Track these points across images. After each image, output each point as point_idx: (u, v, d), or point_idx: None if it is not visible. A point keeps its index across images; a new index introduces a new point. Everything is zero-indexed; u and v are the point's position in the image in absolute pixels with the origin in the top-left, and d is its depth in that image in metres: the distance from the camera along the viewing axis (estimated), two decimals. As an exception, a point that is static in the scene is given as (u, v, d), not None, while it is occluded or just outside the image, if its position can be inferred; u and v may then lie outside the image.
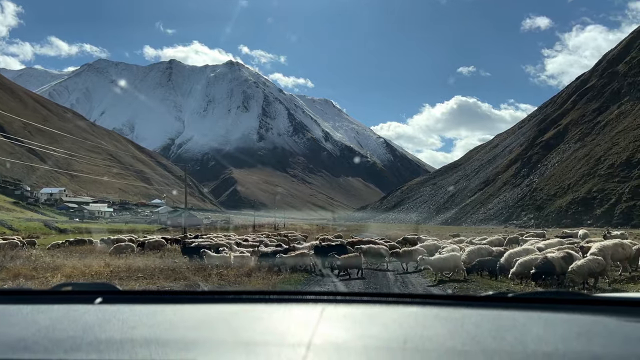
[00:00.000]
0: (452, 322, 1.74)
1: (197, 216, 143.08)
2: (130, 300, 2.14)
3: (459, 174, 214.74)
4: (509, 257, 14.66)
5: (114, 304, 2.01)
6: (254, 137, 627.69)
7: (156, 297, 2.23)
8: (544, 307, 1.90)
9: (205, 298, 2.19)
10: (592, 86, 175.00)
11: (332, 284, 14.87)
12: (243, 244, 26.38)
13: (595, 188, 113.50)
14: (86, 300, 2.03)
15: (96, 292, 2.10)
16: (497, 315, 1.81)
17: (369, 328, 1.69)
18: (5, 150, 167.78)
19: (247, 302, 2.06)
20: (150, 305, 2.04)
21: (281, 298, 2.07)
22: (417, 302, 1.96)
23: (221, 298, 2.17)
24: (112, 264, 18.71)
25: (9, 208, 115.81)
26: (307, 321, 1.74)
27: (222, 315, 1.90)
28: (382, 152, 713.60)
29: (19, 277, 14.56)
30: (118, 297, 2.13)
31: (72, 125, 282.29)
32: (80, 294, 2.20)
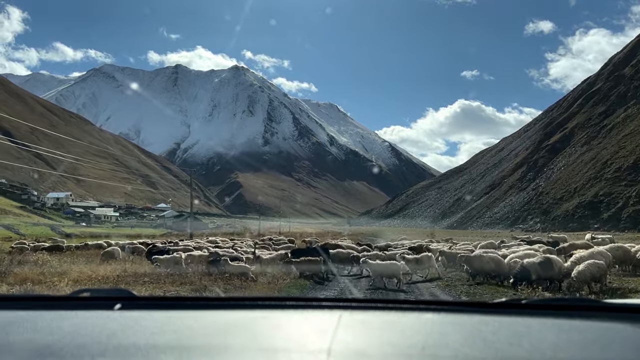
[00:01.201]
0: (468, 329, 1.73)
1: (203, 220, 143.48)
2: (149, 306, 2.15)
3: (465, 178, 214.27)
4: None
5: (133, 310, 2.03)
6: (259, 142, 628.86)
7: (173, 304, 2.24)
8: (558, 313, 1.89)
9: (223, 304, 2.19)
10: (598, 89, 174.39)
11: (337, 289, 14.86)
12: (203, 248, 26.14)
13: (602, 192, 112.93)
14: (105, 306, 2.04)
15: (115, 298, 2.13)
16: (512, 322, 1.80)
17: (386, 335, 1.69)
18: (12, 155, 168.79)
19: (265, 309, 2.06)
20: (169, 311, 2.04)
21: (298, 304, 2.08)
22: (433, 309, 1.96)
23: (239, 304, 2.17)
24: (119, 268, 18.80)
25: (16, 213, 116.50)
26: (326, 327, 1.73)
27: (242, 322, 1.90)
28: (388, 156, 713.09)
29: (27, 281, 14.64)
30: (136, 304, 2.15)
31: (78, 130, 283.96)
32: (99, 300, 2.23)
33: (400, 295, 13.44)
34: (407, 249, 23.20)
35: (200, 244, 30.27)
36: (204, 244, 31.23)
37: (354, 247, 24.76)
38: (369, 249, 24.60)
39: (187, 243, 31.72)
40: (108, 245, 30.29)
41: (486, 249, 20.79)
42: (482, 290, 12.91)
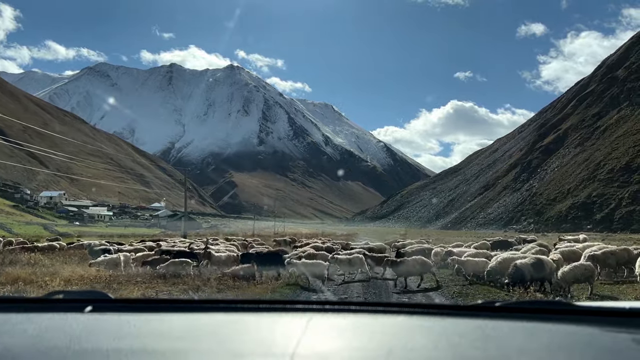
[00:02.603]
0: (436, 333, 1.73)
1: (197, 220, 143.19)
2: (120, 308, 2.10)
3: (459, 179, 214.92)
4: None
5: (104, 313, 1.98)
6: (254, 141, 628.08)
7: (146, 306, 2.20)
8: (529, 317, 1.89)
9: (195, 307, 2.14)
10: (591, 91, 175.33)
11: (329, 290, 14.85)
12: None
13: (595, 193, 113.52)
14: (76, 309, 1.99)
15: (87, 301, 2.07)
16: (481, 325, 1.79)
17: (354, 338, 1.68)
18: (5, 153, 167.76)
19: (236, 312, 2.04)
20: (139, 314, 2.00)
21: (270, 307, 2.04)
22: (404, 312, 1.95)
23: (211, 307, 2.13)
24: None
25: (9, 211, 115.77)
26: (293, 331, 1.72)
27: (211, 325, 1.88)
28: (382, 157, 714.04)
29: (18, 281, 14.54)
30: (108, 306, 2.10)
31: (72, 128, 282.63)
32: (71, 302, 2.17)
33: (392, 297, 13.43)
34: (367, 249, 23.20)
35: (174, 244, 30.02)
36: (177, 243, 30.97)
37: (319, 247, 25.65)
38: (333, 249, 24.85)
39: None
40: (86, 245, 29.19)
41: (478, 251, 20.90)
42: (474, 291, 12.93)
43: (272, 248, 26.92)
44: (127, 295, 11.55)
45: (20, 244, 29.79)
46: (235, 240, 35.51)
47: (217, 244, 29.80)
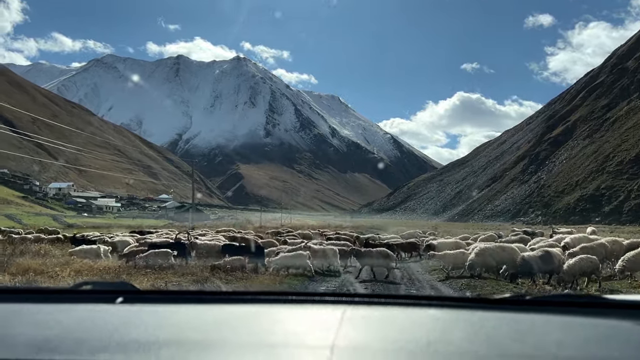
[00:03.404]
0: (471, 325, 1.72)
1: (205, 212, 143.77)
2: (150, 300, 2.10)
3: (467, 170, 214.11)
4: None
5: (135, 304, 1.98)
6: (260, 133, 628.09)
7: (176, 298, 2.19)
8: (562, 310, 1.86)
9: (224, 299, 2.13)
10: (601, 82, 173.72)
11: (337, 280, 14.90)
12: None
13: (604, 185, 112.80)
14: (107, 300, 2.00)
15: (116, 292, 2.08)
16: (515, 318, 1.78)
17: (390, 331, 1.68)
18: (14, 145, 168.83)
19: (267, 303, 2.03)
20: (170, 305, 2.01)
21: (301, 299, 2.03)
22: (435, 305, 1.94)
23: (241, 299, 2.12)
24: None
25: (18, 202, 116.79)
26: (329, 323, 1.71)
27: (244, 317, 1.87)
28: (389, 148, 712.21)
29: (29, 271, 14.68)
30: (138, 297, 2.10)
31: (80, 120, 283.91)
32: (102, 294, 2.16)
33: (401, 288, 13.46)
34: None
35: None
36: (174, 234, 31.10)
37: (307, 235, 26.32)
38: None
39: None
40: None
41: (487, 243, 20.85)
42: (482, 283, 12.92)
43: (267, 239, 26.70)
44: (137, 284, 11.62)
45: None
46: (232, 232, 35.48)
47: (204, 235, 30.04)
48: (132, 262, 16.92)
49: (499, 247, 15.72)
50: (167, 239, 24.74)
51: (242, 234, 33.11)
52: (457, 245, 18.65)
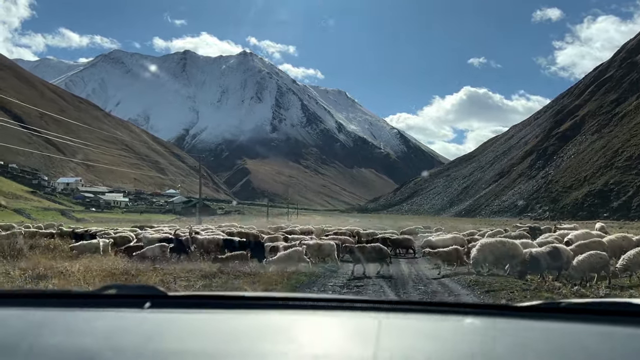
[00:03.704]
0: (512, 336, 1.62)
1: (212, 207, 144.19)
2: (179, 305, 1.97)
3: (474, 166, 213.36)
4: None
5: (163, 309, 1.88)
6: (267, 128, 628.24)
7: (206, 302, 2.03)
8: (602, 319, 1.70)
9: (254, 304, 2.00)
10: (610, 77, 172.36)
11: (345, 275, 14.89)
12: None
13: (613, 180, 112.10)
14: (134, 305, 1.90)
15: (144, 296, 1.97)
16: (554, 328, 1.65)
17: (430, 342, 1.59)
18: (23, 140, 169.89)
19: (299, 309, 1.91)
20: (200, 311, 1.88)
21: (339, 305, 1.90)
22: (473, 313, 1.80)
23: (271, 304, 1.99)
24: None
25: (27, 197, 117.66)
26: (367, 332, 1.62)
27: (278, 324, 1.77)
28: (396, 143, 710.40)
29: (39, 266, 14.79)
30: (166, 302, 1.98)
31: (88, 115, 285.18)
32: (129, 298, 2.06)
33: (409, 285, 13.44)
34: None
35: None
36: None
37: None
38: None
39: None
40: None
41: (456, 237, 20.86)
42: (491, 280, 12.87)
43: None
44: (146, 281, 11.70)
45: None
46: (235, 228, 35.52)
47: (205, 230, 30.22)
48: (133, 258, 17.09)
49: (499, 242, 15.71)
50: (167, 234, 24.94)
51: (244, 229, 33.23)
52: (454, 242, 18.56)
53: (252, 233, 26.42)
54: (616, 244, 15.64)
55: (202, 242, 20.06)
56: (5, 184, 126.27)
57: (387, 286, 12.57)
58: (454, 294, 11.23)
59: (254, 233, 26.51)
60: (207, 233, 25.27)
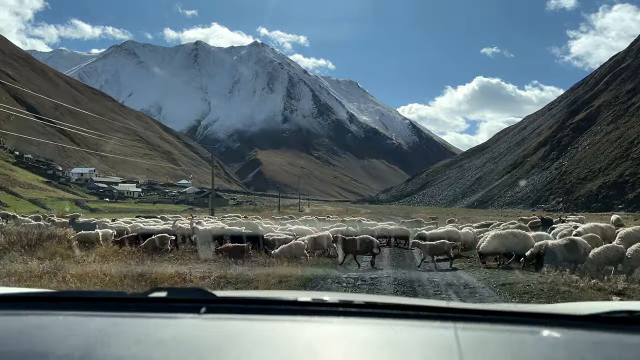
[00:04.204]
0: (601, 353, 1.42)
1: (223, 197, 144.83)
2: (234, 310, 1.77)
3: (486, 157, 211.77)
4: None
5: (218, 314, 1.72)
6: (278, 119, 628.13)
7: (265, 308, 1.81)
8: None
9: (318, 310, 1.73)
10: (627, 66, 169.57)
11: (354, 267, 14.90)
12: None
13: (628, 172, 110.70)
14: (188, 309, 1.74)
15: (198, 301, 1.80)
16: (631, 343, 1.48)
17: (514, 357, 1.38)
18: (37, 130, 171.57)
19: (366, 317, 1.67)
20: (259, 317, 1.70)
21: (416, 314, 1.67)
22: (558, 324, 1.58)
23: (333, 311, 1.72)
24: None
25: (42, 187, 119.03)
26: (447, 347, 1.42)
27: (352, 334, 1.56)
28: (408, 134, 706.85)
29: (56, 255, 14.97)
30: (220, 307, 1.78)
31: (101, 106, 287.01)
32: (180, 302, 1.86)
33: (423, 276, 13.39)
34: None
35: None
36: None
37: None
38: None
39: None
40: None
41: (450, 230, 20.63)
42: (507, 273, 12.77)
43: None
44: (161, 272, 11.77)
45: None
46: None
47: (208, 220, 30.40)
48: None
49: (510, 233, 15.67)
50: (166, 224, 25.20)
51: (247, 219, 33.33)
52: (448, 236, 18.42)
53: (254, 223, 26.63)
54: (633, 236, 15.38)
55: (203, 233, 20.05)
56: (21, 174, 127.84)
57: (401, 278, 12.56)
58: (469, 287, 11.18)
59: (252, 223, 26.77)
60: (208, 224, 25.48)
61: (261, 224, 26.23)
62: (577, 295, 9.53)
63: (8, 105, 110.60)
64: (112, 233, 20.63)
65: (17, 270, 11.68)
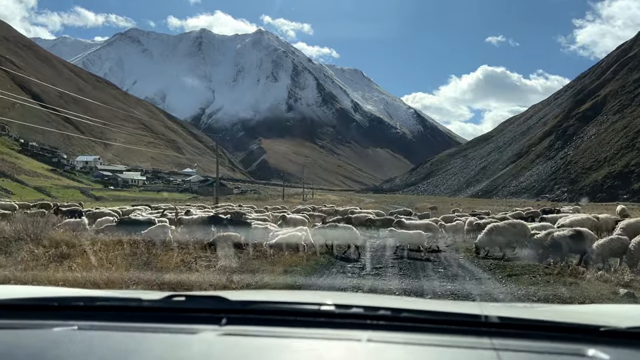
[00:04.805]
0: None
1: (228, 186, 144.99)
2: (255, 321, 1.61)
3: (491, 146, 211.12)
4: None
5: (239, 326, 1.58)
6: (282, 108, 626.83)
7: (293, 320, 1.63)
8: None
9: (351, 323, 1.58)
10: (633, 55, 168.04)
11: (355, 256, 14.84)
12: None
13: (634, 162, 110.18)
14: (209, 321, 1.60)
15: (218, 311, 1.66)
16: None
17: None
18: (42, 118, 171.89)
19: (397, 331, 1.51)
20: (287, 331, 1.54)
21: (448, 328, 1.50)
22: (603, 342, 1.43)
23: (365, 324, 1.56)
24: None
25: (47, 175, 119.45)
26: None
27: (379, 353, 1.39)
28: (412, 123, 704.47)
29: (61, 244, 14.98)
30: (243, 317, 1.64)
31: (105, 94, 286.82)
32: (200, 312, 1.70)
33: (429, 267, 13.36)
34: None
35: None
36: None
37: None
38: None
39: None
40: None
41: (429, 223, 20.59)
42: (512, 264, 12.71)
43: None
44: (167, 260, 11.77)
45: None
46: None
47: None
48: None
49: (509, 224, 15.68)
50: (152, 213, 25.15)
51: (237, 207, 33.29)
52: (427, 227, 18.32)
53: (239, 212, 26.75)
54: (634, 227, 15.13)
55: (188, 222, 19.53)
56: (26, 162, 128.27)
57: (407, 269, 12.54)
58: (475, 278, 11.16)
59: (240, 212, 26.85)
60: (201, 212, 25.47)
61: (250, 214, 25.91)
62: (584, 287, 9.50)
63: (12, 93, 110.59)
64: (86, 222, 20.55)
65: (23, 258, 11.73)
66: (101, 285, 8.96)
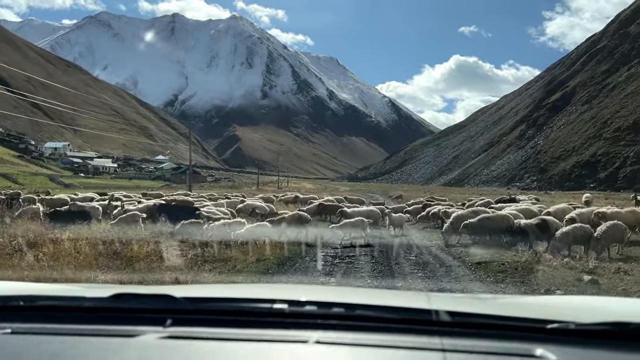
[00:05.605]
0: None
1: (201, 174, 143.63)
2: (207, 322, 1.50)
3: (464, 135, 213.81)
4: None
5: (184, 327, 1.46)
6: (257, 95, 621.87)
7: (249, 320, 1.54)
8: None
9: (303, 323, 1.50)
10: (602, 47, 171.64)
11: (331, 245, 14.88)
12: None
13: (600, 151, 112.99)
14: (151, 321, 1.48)
15: (163, 311, 1.55)
16: None
17: None
18: (9, 104, 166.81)
19: (349, 331, 1.45)
20: (236, 332, 1.45)
21: (398, 327, 1.44)
22: (552, 340, 1.38)
23: (315, 323, 1.49)
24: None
25: (14, 162, 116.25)
26: None
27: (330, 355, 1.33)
28: (387, 112, 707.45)
29: (28, 232, 14.64)
30: (189, 318, 1.53)
31: (75, 79, 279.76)
32: (145, 312, 1.57)
33: (408, 257, 13.49)
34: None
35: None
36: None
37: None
38: None
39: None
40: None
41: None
42: (483, 252, 12.93)
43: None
44: (138, 250, 11.53)
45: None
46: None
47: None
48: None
49: (472, 212, 16.06)
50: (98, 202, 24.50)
51: (189, 196, 32.41)
52: (368, 214, 18.34)
53: (187, 199, 26.26)
54: (584, 217, 15.27)
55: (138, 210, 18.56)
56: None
57: (376, 254, 12.66)
58: (445, 265, 11.34)
59: (188, 199, 26.34)
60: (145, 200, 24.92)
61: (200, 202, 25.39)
62: (551, 274, 9.75)
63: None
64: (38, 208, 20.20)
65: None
66: (69, 276, 8.80)
